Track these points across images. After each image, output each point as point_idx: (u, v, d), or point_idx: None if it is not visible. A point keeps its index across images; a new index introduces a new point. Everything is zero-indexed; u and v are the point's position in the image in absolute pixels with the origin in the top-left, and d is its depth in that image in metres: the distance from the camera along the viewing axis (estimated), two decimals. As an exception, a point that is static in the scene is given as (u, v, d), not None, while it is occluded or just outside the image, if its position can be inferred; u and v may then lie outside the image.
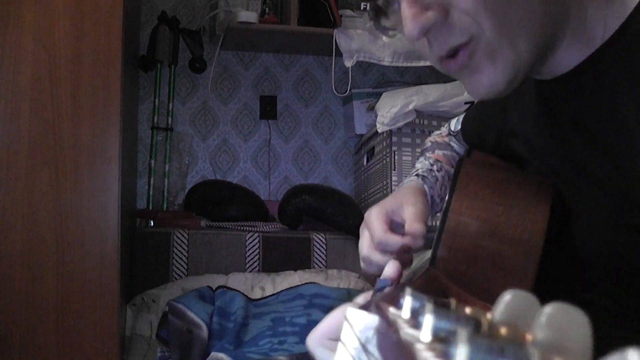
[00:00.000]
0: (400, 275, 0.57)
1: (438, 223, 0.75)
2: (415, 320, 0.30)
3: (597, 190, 0.70)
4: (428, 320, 0.28)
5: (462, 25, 0.61)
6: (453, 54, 0.64)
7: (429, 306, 0.28)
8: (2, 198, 1.60)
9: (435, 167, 0.96)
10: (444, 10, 0.61)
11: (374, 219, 0.80)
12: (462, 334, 0.24)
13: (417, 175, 0.93)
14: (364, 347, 0.37)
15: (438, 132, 1.11)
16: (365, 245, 0.82)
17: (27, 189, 1.62)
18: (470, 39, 0.62)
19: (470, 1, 0.60)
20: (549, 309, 0.26)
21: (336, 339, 0.53)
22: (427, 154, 1.01)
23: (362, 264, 0.84)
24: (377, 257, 0.79)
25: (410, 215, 0.80)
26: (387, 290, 0.52)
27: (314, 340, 0.54)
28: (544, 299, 0.28)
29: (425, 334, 0.27)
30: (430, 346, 0.26)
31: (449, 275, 0.64)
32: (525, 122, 0.80)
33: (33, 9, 1.65)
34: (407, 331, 0.29)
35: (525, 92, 0.79)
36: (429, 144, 1.06)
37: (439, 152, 1.01)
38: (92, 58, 1.68)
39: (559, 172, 0.75)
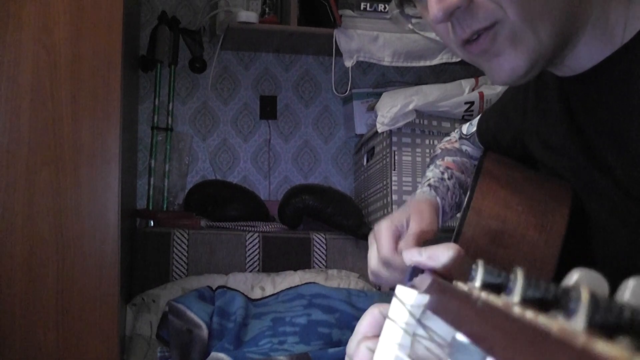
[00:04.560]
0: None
1: (457, 221, 0.75)
2: (492, 290, 0.30)
3: (618, 190, 0.70)
4: (519, 286, 0.27)
5: (486, 9, 0.62)
6: (475, 38, 0.64)
7: (520, 274, 0.28)
8: (2, 198, 1.60)
9: (446, 175, 0.96)
10: None
11: (383, 234, 0.80)
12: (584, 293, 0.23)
13: (429, 185, 0.93)
14: (419, 321, 0.37)
15: (447, 138, 1.11)
16: (373, 259, 0.82)
17: (27, 189, 1.62)
18: (493, 23, 0.63)
19: None
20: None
21: (376, 334, 0.53)
22: (437, 162, 1.01)
23: (370, 277, 0.84)
24: (384, 273, 0.80)
25: (408, 235, 0.79)
26: (421, 276, 0.52)
27: (355, 342, 0.53)
28: None
29: (516, 297, 0.27)
30: (524, 306, 0.26)
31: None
32: (544, 121, 0.80)
33: (33, 9, 1.65)
34: (490, 297, 0.28)
35: (546, 91, 0.79)
36: (439, 150, 1.06)
37: (448, 159, 1.01)
38: (92, 58, 1.68)
39: (579, 172, 0.75)
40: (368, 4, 2.35)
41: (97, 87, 1.68)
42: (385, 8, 2.34)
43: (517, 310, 0.25)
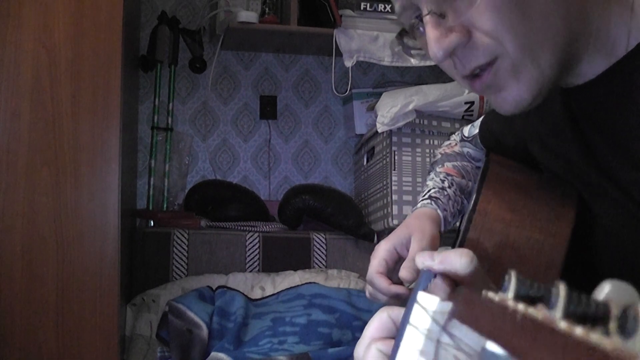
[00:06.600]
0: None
1: (462, 223, 0.75)
2: (530, 303, 0.29)
3: (622, 195, 0.70)
4: (561, 300, 0.27)
5: (485, 46, 0.62)
6: (478, 73, 0.64)
7: (562, 287, 0.27)
8: (2, 198, 1.60)
9: (446, 184, 0.96)
10: (467, 32, 0.62)
11: (377, 255, 0.82)
12: None
13: (429, 197, 0.93)
14: (444, 328, 0.36)
15: (447, 142, 1.11)
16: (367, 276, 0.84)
17: (27, 189, 1.62)
18: (494, 58, 0.63)
19: (491, 22, 0.60)
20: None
21: (385, 337, 0.53)
22: (438, 169, 1.01)
23: (367, 295, 0.86)
24: (370, 290, 0.83)
25: (409, 259, 0.80)
26: (435, 281, 0.51)
27: (363, 345, 0.53)
28: None
29: (559, 312, 0.27)
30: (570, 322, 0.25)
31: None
32: (547, 126, 0.80)
33: (33, 9, 1.65)
34: (530, 310, 0.27)
35: (549, 97, 0.79)
36: (439, 156, 1.06)
37: (448, 165, 1.01)
38: (92, 58, 1.68)
39: (582, 177, 0.75)
40: (368, 4, 2.35)
41: (97, 87, 1.68)
42: (385, 8, 2.34)
43: (562, 325, 0.25)
